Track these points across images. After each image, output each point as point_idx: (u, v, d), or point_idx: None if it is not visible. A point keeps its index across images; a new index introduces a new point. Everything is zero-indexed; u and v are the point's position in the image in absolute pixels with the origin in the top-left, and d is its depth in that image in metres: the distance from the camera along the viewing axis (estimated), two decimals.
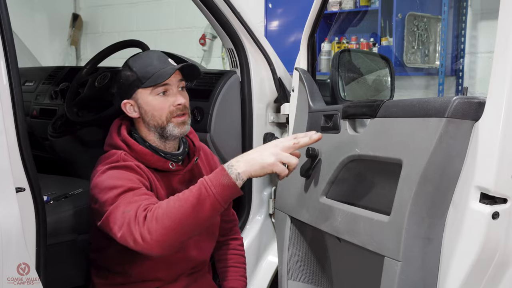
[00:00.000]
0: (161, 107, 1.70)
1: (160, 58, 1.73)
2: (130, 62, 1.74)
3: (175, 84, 1.72)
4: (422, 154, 1.37)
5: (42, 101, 2.80)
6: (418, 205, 1.38)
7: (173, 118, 1.71)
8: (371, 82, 2.31)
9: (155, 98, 1.70)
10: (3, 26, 1.46)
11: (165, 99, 1.70)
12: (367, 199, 1.67)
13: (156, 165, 1.73)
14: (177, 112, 1.71)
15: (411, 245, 1.39)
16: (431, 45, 3.83)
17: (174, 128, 1.72)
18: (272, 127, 2.39)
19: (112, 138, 1.75)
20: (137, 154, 1.70)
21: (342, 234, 1.66)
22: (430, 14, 3.81)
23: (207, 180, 1.46)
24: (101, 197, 1.57)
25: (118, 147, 1.72)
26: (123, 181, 1.58)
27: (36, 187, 1.53)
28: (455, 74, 3.84)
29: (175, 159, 1.77)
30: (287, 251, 1.98)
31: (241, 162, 1.48)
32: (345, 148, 1.70)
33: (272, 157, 1.48)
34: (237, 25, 2.23)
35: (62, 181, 2.24)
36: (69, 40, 5.94)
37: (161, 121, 1.71)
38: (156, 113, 1.70)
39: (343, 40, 4.07)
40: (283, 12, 4.37)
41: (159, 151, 1.74)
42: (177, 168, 1.77)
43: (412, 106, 1.45)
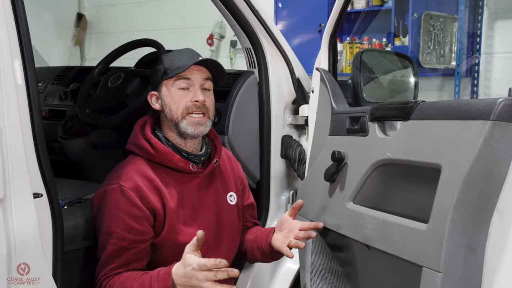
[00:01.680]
0: (178, 101, 1.67)
1: (191, 54, 1.71)
2: (163, 56, 1.75)
3: (198, 81, 1.69)
4: (464, 158, 1.30)
5: (51, 102, 2.73)
6: (460, 212, 1.30)
7: (188, 116, 1.67)
8: (393, 82, 2.24)
9: (175, 91, 1.69)
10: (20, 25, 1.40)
11: (184, 94, 1.68)
12: (399, 205, 1.59)
13: (177, 165, 1.69)
14: (193, 108, 1.67)
15: (453, 255, 1.31)
16: (447, 45, 3.76)
17: (188, 126, 1.68)
18: (289, 129, 2.33)
19: (136, 137, 1.72)
20: (159, 153, 1.67)
21: (372, 242, 1.59)
22: (446, 13, 3.74)
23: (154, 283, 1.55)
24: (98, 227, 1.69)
25: (140, 146, 1.69)
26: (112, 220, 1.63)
27: (54, 193, 1.47)
28: (470, 74, 3.77)
29: (197, 160, 1.73)
30: (309, 258, 1.90)
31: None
32: (374, 152, 1.63)
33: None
34: (255, 24, 2.17)
35: (74, 185, 2.17)
36: (74, 40, 5.87)
37: (176, 116, 1.68)
38: (174, 106, 1.68)
39: (355, 40, 4.00)
40: (293, 11, 4.31)
41: (181, 151, 1.70)
42: (197, 170, 1.72)
43: (452, 108, 1.37)
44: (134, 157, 1.73)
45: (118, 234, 1.62)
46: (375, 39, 3.97)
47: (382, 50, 3.64)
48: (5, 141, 1.32)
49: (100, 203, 1.68)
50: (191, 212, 1.73)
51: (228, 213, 1.82)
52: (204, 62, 1.70)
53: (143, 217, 1.64)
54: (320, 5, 3.98)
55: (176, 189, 1.70)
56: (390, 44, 3.83)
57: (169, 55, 1.74)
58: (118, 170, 1.70)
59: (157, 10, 5.53)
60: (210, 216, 1.77)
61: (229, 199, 1.84)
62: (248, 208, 1.95)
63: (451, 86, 3.80)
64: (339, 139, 1.83)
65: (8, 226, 1.31)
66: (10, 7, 1.38)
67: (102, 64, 2.39)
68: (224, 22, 4.99)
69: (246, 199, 1.95)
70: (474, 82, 3.74)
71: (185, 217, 1.72)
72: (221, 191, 1.82)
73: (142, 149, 1.69)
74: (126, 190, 1.63)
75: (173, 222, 1.68)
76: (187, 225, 1.71)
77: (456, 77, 3.65)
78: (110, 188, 1.66)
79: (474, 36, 3.74)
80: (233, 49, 5.04)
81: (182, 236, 1.69)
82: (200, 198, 1.75)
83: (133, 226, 1.62)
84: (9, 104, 1.34)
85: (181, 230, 1.70)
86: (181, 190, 1.71)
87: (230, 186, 1.86)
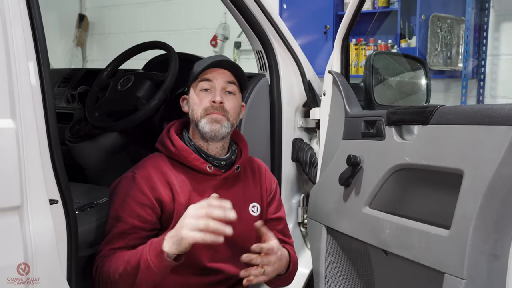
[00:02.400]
0: (199, 102, 1.71)
1: (216, 57, 1.76)
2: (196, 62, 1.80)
3: (220, 83, 1.72)
4: (487, 164, 1.28)
5: (58, 104, 2.70)
6: (483, 219, 1.29)
7: (207, 115, 1.70)
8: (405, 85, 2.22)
9: (198, 93, 1.73)
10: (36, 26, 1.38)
11: (205, 95, 1.72)
12: (417, 210, 1.58)
13: (193, 164, 1.70)
14: (211, 109, 1.70)
15: (476, 262, 1.30)
16: (453, 47, 3.74)
17: (206, 124, 1.69)
18: (300, 132, 2.31)
19: (162, 135, 1.78)
20: (177, 150, 1.71)
21: (390, 247, 1.57)
22: (453, 15, 3.73)
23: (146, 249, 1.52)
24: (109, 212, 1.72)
25: (163, 142, 1.75)
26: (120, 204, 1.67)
27: (68, 199, 1.45)
28: (476, 76, 3.75)
29: (217, 163, 1.72)
30: (324, 263, 1.89)
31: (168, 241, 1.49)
32: (391, 156, 1.61)
33: (184, 230, 1.46)
34: (267, 26, 2.15)
35: (84, 190, 2.14)
36: (75, 41, 5.84)
37: (196, 116, 1.71)
38: (195, 107, 1.72)
39: (361, 42, 3.98)
40: (298, 12, 4.28)
41: (202, 152, 1.73)
42: (215, 171, 1.71)
43: (474, 113, 1.36)
44: (157, 153, 1.78)
45: (123, 218, 1.65)
46: (381, 40, 3.95)
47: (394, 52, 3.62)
48: (21, 145, 1.30)
49: (114, 189, 1.73)
50: None
51: (247, 223, 1.77)
52: (224, 64, 1.73)
53: (149, 205, 1.66)
54: (325, 7, 3.96)
55: (188, 186, 1.70)
56: (396, 46, 3.81)
57: (200, 60, 1.79)
58: (138, 163, 1.76)
59: (160, 11, 5.50)
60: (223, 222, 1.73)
61: (251, 210, 1.81)
62: (275, 222, 1.88)
63: (457, 88, 3.78)
64: (354, 143, 1.82)
65: (25, 235, 1.29)
66: (25, 8, 1.36)
67: (111, 67, 2.36)
68: (228, 23, 4.97)
69: (273, 213, 1.89)
70: (480, 84, 3.73)
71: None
72: (242, 199, 1.79)
73: (164, 145, 1.74)
74: (137, 178, 1.68)
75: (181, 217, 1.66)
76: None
77: (463, 79, 3.63)
78: (125, 176, 1.73)
79: (480, 38, 3.73)
80: (237, 51, 5.02)
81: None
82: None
83: (138, 212, 1.65)
84: (25, 107, 1.32)
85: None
86: (194, 188, 1.70)
87: (255, 197, 1.83)
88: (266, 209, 1.87)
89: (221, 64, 1.73)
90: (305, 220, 2.25)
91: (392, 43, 3.90)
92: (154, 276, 1.51)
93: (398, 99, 2.20)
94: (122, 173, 2.21)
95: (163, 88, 2.08)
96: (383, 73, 2.15)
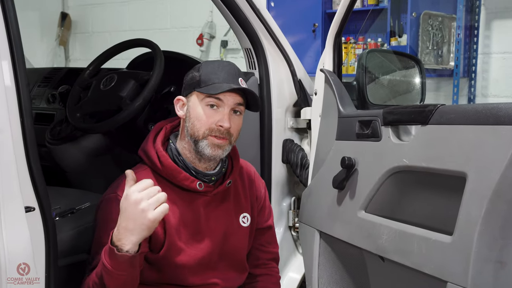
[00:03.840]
0: (204, 119, 1.56)
1: (230, 72, 1.60)
2: (202, 64, 1.63)
3: (230, 104, 1.57)
4: (493, 167, 1.21)
5: (38, 105, 2.60)
6: (489, 224, 1.22)
7: (210, 137, 1.56)
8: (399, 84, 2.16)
9: (203, 107, 1.57)
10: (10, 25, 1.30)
11: (212, 113, 1.56)
12: (416, 215, 1.51)
13: (182, 183, 1.58)
14: (216, 132, 1.56)
15: (481, 270, 1.23)
16: (445, 45, 3.69)
17: (207, 147, 1.57)
18: (291, 133, 2.23)
19: (147, 144, 1.63)
20: (165, 168, 1.57)
21: (388, 254, 1.50)
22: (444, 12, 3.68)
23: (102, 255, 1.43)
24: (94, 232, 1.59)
25: (148, 155, 1.60)
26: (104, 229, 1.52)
27: (46, 205, 1.37)
28: (467, 75, 3.71)
29: (207, 179, 1.61)
30: (316, 269, 1.81)
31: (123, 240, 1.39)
32: (388, 158, 1.54)
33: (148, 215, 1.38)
34: (256, 23, 2.07)
35: (66, 194, 2.05)
36: (58, 40, 5.71)
37: (197, 134, 1.57)
38: (197, 123, 1.57)
39: (350, 41, 3.92)
40: (286, 10, 4.21)
41: (191, 168, 1.59)
42: (205, 189, 1.61)
43: (477, 113, 1.28)
44: (142, 166, 1.63)
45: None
46: (371, 39, 3.90)
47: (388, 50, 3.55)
48: None
49: (97, 212, 1.60)
50: (195, 232, 1.62)
51: (238, 236, 1.70)
52: (244, 92, 1.60)
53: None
54: (314, 4, 3.89)
55: (179, 206, 1.59)
56: (386, 44, 3.76)
57: (208, 65, 1.62)
58: (121, 179, 1.59)
59: (145, 10, 5.41)
60: (217, 238, 1.65)
61: (241, 221, 1.72)
62: (265, 232, 1.81)
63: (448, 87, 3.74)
64: (348, 144, 1.75)
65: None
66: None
67: (93, 66, 2.26)
68: (214, 22, 4.89)
69: (263, 222, 1.81)
70: (471, 83, 3.69)
71: (187, 236, 1.60)
72: (233, 212, 1.71)
73: (150, 159, 1.60)
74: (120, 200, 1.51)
75: (173, 240, 1.57)
76: (189, 245, 1.60)
77: (454, 78, 3.58)
78: (107, 197, 1.58)
79: (471, 36, 3.68)
80: (224, 50, 4.94)
81: (182, 256, 1.58)
82: (207, 217, 1.64)
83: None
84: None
85: (182, 250, 1.58)
86: (185, 207, 1.60)
87: (245, 206, 1.74)
88: (257, 218, 1.79)
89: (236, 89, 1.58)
90: (296, 224, 2.18)
91: (382, 42, 3.84)
92: (114, 276, 1.41)
93: (392, 98, 2.14)
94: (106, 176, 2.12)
95: (147, 87, 2.00)
96: (376, 71, 2.08)
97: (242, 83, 1.61)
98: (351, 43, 3.91)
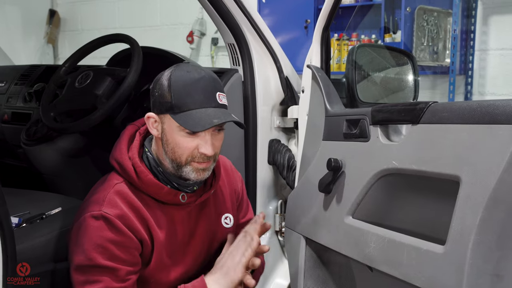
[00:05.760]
0: (184, 147, 1.42)
1: (205, 89, 1.42)
2: (172, 77, 1.42)
3: (210, 130, 1.44)
4: (490, 170, 1.11)
5: (15, 104, 2.50)
6: (485, 234, 1.11)
7: (194, 163, 1.44)
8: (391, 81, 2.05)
9: (181, 135, 1.41)
10: None
11: (192, 140, 1.42)
12: (406, 221, 1.40)
13: (165, 198, 1.47)
14: (199, 159, 1.44)
15: (476, 284, 1.12)
16: (440, 41, 3.58)
17: (191, 172, 1.45)
18: (277, 133, 2.13)
19: (121, 153, 1.47)
20: (144, 184, 1.44)
21: (376, 264, 1.39)
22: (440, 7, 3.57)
23: None
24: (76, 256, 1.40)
25: (124, 169, 1.45)
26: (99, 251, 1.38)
27: (3, 211, 1.24)
28: (464, 72, 3.61)
29: (189, 190, 1.51)
30: (302, 278, 1.70)
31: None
32: (377, 160, 1.43)
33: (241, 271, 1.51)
34: (240, 17, 1.96)
35: (37, 198, 1.94)
36: (46, 38, 5.60)
37: (179, 160, 1.44)
38: (178, 149, 1.43)
39: (343, 37, 3.81)
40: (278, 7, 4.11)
41: (172, 180, 1.48)
42: (188, 200, 1.50)
43: (472, 111, 1.18)
44: (115, 177, 1.48)
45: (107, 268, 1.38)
46: (364, 35, 3.79)
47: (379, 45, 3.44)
48: None
49: (78, 232, 1.41)
50: (181, 245, 1.52)
51: (223, 238, 1.62)
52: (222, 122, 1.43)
53: (134, 246, 1.42)
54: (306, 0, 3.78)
55: (164, 220, 1.49)
56: (380, 41, 3.65)
57: (179, 81, 1.41)
58: (98, 193, 1.45)
59: (135, 7, 5.31)
60: (202, 247, 1.57)
61: (224, 222, 1.64)
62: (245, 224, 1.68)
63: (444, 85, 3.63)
64: (335, 145, 1.64)
65: None
66: None
67: (69, 62, 2.16)
68: (205, 19, 4.79)
69: (243, 217, 1.73)
70: (468, 81, 3.58)
71: (174, 251, 1.51)
72: (214, 215, 1.61)
73: (126, 173, 1.45)
74: (111, 218, 1.39)
75: (160, 257, 1.47)
76: (175, 260, 1.51)
77: (450, 75, 3.48)
78: (91, 215, 1.40)
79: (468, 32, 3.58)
80: (214, 47, 4.83)
81: (169, 272, 1.49)
82: (191, 228, 1.55)
83: (123, 257, 1.40)
84: None
85: (169, 266, 1.49)
86: (170, 221, 1.50)
87: (226, 206, 1.65)
88: (237, 214, 1.72)
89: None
90: (283, 228, 2.08)
91: (376, 38, 3.74)
92: None
93: (384, 96, 2.03)
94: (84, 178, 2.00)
95: (124, 85, 1.90)
96: (367, 68, 1.97)
97: (221, 99, 1.46)
98: (344, 40, 3.80)
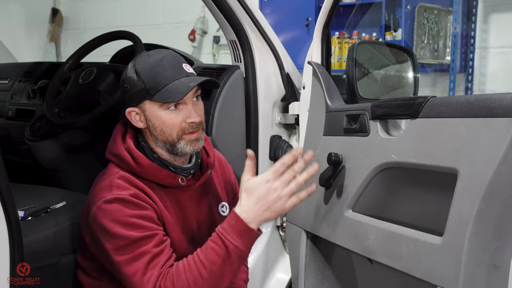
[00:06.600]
0: (171, 123, 1.46)
1: (172, 64, 1.46)
2: (137, 65, 1.46)
3: (190, 97, 1.47)
4: (486, 162, 1.13)
5: (19, 100, 2.53)
6: (482, 225, 1.13)
7: (185, 135, 1.47)
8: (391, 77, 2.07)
9: (165, 113, 1.45)
10: None
11: (176, 114, 1.46)
12: (405, 214, 1.42)
13: (165, 181, 1.50)
14: (189, 129, 1.47)
15: (473, 274, 1.14)
16: (441, 39, 3.59)
17: (186, 146, 1.48)
18: (279, 129, 2.15)
19: (116, 146, 1.50)
20: (143, 169, 1.47)
21: (376, 256, 1.41)
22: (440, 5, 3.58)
23: (227, 236, 1.38)
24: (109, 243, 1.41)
25: (122, 158, 1.48)
26: (128, 228, 1.40)
27: (9, 202, 1.26)
28: (464, 70, 3.62)
29: (186, 173, 1.54)
30: (303, 271, 1.73)
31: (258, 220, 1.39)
32: (376, 154, 1.45)
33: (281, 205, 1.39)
34: (241, 14, 1.99)
35: (42, 192, 1.96)
36: (49, 36, 5.61)
37: (171, 138, 1.47)
38: (166, 129, 1.46)
39: (344, 35, 3.82)
40: (279, 5, 4.12)
41: (169, 165, 1.51)
42: (187, 183, 1.53)
43: (469, 105, 1.20)
44: (114, 168, 1.50)
45: (144, 238, 1.40)
46: (365, 33, 3.80)
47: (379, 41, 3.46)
48: None
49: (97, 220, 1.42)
50: (184, 230, 1.55)
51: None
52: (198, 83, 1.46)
53: (155, 217, 1.45)
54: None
55: (168, 203, 1.51)
56: (381, 39, 3.66)
57: (145, 65, 1.44)
58: (103, 181, 1.47)
59: (137, 5, 5.31)
60: (203, 232, 1.59)
61: (221, 210, 1.66)
62: None
63: (444, 82, 3.64)
64: (335, 140, 1.66)
65: None
66: None
67: (72, 59, 2.19)
68: (207, 17, 4.80)
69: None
70: (468, 78, 3.60)
71: (180, 233, 1.53)
72: (213, 203, 1.64)
73: (124, 162, 1.48)
74: (125, 197, 1.41)
75: (172, 237, 1.49)
76: (181, 243, 1.53)
77: (451, 73, 3.49)
78: (105, 201, 1.42)
79: (468, 29, 3.59)
80: (216, 45, 4.84)
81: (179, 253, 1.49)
82: (193, 213, 1.57)
83: (151, 226, 1.42)
84: None
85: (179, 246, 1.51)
86: (173, 204, 1.53)
87: (222, 195, 1.68)
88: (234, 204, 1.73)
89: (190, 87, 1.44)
90: (284, 223, 2.10)
91: (377, 36, 3.75)
92: (245, 257, 1.42)
93: (384, 92, 2.05)
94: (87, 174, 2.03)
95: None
96: (367, 64, 1.99)
97: (189, 69, 1.49)
98: (345, 37, 3.82)
